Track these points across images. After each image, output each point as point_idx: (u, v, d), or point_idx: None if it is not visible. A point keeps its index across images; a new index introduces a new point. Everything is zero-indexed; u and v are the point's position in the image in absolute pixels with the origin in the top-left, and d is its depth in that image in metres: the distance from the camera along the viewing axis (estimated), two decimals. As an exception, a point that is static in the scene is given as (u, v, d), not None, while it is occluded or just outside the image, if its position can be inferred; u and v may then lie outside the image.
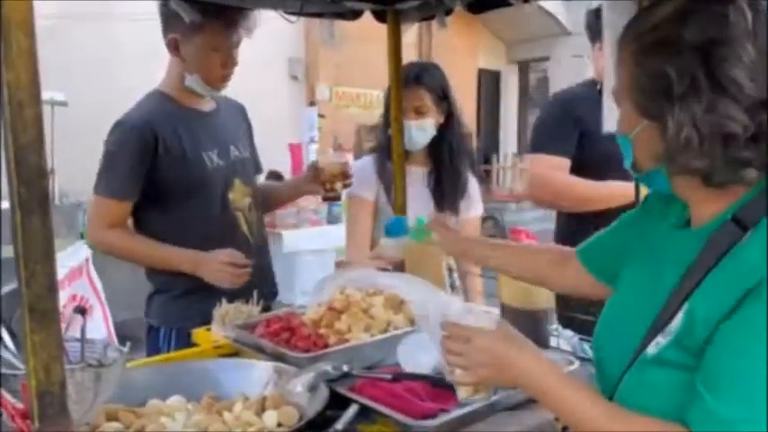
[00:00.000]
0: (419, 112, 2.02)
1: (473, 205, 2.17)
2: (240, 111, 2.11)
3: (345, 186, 1.97)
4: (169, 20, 1.82)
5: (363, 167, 2.15)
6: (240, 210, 1.93)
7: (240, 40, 1.87)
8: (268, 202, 2.17)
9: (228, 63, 1.87)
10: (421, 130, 2.03)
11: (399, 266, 1.79)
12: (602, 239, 1.19)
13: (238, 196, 1.93)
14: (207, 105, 1.96)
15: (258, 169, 2.15)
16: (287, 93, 9.08)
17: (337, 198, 1.99)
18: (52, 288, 0.62)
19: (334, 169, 1.92)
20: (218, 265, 1.78)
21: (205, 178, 1.86)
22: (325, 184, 1.94)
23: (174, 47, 1.84)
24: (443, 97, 2.05)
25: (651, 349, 0.88)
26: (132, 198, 1.83)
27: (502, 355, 0.95)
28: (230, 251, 1.80)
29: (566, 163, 2.13)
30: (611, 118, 1.56)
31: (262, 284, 1.90)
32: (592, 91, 2.09)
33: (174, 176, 1.83)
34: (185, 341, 1.72)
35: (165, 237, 1.85)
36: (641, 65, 0.87)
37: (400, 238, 1.73)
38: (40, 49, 0.60)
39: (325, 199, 2.00)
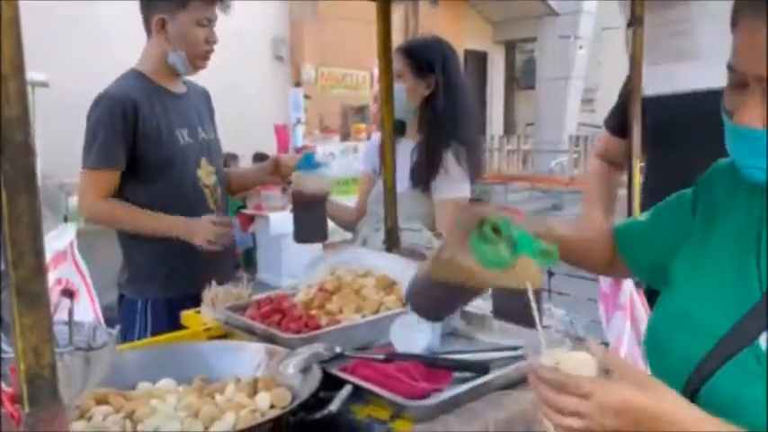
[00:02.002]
0: (397, 75, 2.05)
1: (452, 187, 2.02)
2: (206, 96, 2.20)
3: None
4: (152, 1, 1.93)
5: (372, 143, 2.31)
6: (207, 187, 2.04)
7: (216, 18, 1.98)
8: (231, 186, 2.27)
9: (211, 38, 1.97)
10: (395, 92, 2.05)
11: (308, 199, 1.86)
12: (644, 230, 1.10)
13: (205, 174, 2.04)
14: (179, 88, 2.06)
15: (221, 152, 2.22)
16: (271, 73, 9.00)
17: None
18: (41, 270, 0.60)
19: (293, 163, 2.04)
20: (208, 225, 1.88)
21: (178, 155, 1.96)
22: (285, 176, 2.08)
23: (160, 26, 1.92)
24: (428, 69, 2.05)
25: (765, 342, 0.80)
26: (120, 167, 1.90)
27: (649, 414, 0.74)
28: (212, 216, 1.93)
29: (617, 144, 1.95)
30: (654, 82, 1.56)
31: (225, 259, 2.05)
32: None
33: (150, 151, 1.91)
34: (163, 313, 1.91)
35: (152, 209, 1.92)
36: None
37: (309, 172, 1.87)
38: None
39: (284, 190, 2.14)
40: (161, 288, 1.97)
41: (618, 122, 1.94)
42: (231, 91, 7.83)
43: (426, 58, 2.07)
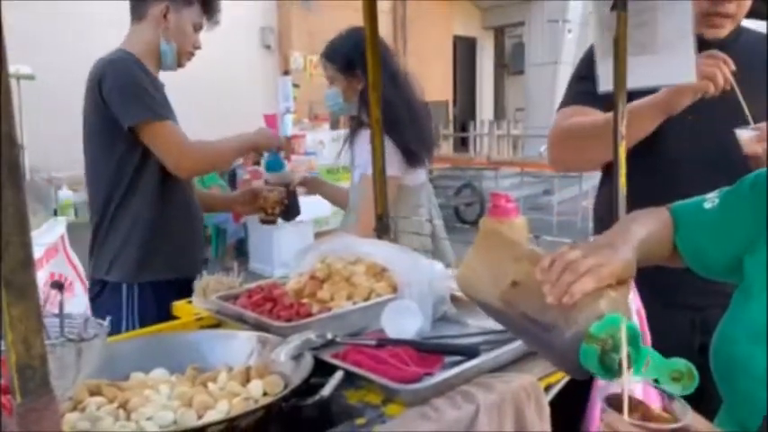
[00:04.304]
0: (329, 81, 2.18)
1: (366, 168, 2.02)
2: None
3: (282, 213, 2.16)
4: None
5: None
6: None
7: (202, 27, 2.06)
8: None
9: (197, 44, 2.06)
10: (330, 99, 2.18)
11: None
12: (710, 227, 1.00)
13: None
14: (158, 76, 2.06)
15: None
16: (260, 62, 8.94)
17: (274, 222, 2.18)
18: (28, 261, 0.60)
19: (273, 196, 2.12)
20: (271, 134, 2.11)
21: None
22: (266, 209, 2.13)
23: (162, 14, 1.95)
24: (353, 66, 2.08)
25: None
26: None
27: None
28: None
29: (596, 113, 1.68)
30: (605, 78, 1.54)
31: (198, 246, 2.13)
32: None
33: None
34: (150, 296, 1.93)
35: (148, 187, 1.94)
36: None
37: (277, 174, 2.12)
38: (3, 19, 0.57)
39: (263, 222, 2.18)
40: (146, 271, 1.96)
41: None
42: (220, 82, 7.80)
43: (347, 57, 2.10)
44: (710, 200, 1.03)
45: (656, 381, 0.75)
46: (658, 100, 1.53)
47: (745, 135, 1.45)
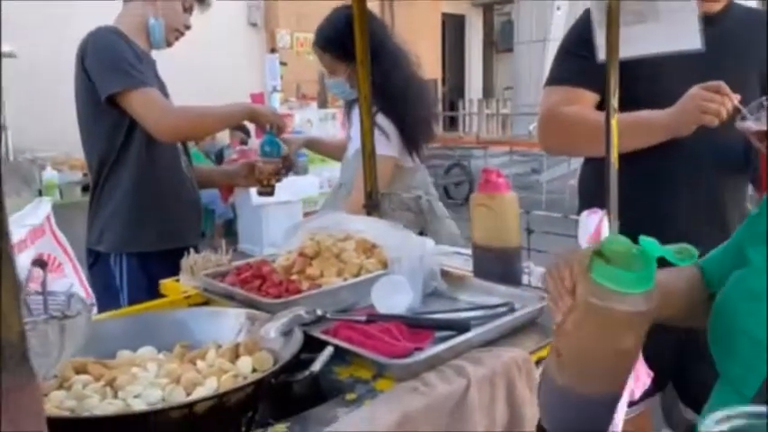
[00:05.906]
0: (329, 71, 2.13)
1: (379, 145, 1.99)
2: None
3: (278, 181, 2.13)
4: None
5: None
6: (186, 154, 2.13)
7: (193, 9, 2.06)
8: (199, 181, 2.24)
9: (187, 23, 2.05)
10: (335, 88, 2.16)
11: None
12: (731, 253, 0.98)
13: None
14: (150, 54, 2.05)
15: None
16: (246, 40, 8.84)
17: (271, 194, 2.14)
18: (3, 235, 0.58)
19: (269, 168, 2.09)
20: (270, 111, 2.09)
21: None
22: (262, 181, 2.10)
23: None
24: (349, 51, 1.92)
25: None
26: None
27: None
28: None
29: (586, 95, 1.68)
30: (603, 47, 1.52)
31: (190, 219, 2.11)
32: None
33: None
34: (138, 266, 1.95)
35: (135, 160, 1.94)
36: None
37: (271, 159, 2.04)
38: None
39: (260, 194, 2.16)
40: (132, 242, 1.97)
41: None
42: (205, 60, 7.70)
43: (341, 43, 2.01)
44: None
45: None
46: (671, 125, 1.55)
47: (747, 124, 1.47)
